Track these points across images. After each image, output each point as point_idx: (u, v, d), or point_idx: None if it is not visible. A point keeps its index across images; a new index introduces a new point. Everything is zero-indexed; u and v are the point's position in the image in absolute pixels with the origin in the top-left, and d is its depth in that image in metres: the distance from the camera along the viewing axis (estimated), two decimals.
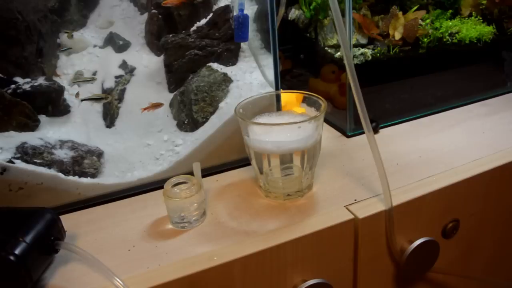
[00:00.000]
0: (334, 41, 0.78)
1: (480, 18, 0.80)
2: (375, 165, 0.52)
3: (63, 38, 0.73)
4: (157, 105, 0.62)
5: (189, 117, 0.66)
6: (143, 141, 0.66)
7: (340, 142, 0.70)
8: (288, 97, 0.64)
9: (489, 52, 0.80)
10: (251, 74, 0.68)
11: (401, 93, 0.77)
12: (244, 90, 0.65)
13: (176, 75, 0.70)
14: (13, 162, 0.54)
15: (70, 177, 0.57)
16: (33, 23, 0.66)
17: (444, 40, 0.76)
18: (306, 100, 0.59)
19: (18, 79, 0.64)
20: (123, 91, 0.70)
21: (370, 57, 0.72)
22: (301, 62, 0.94)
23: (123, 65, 0.73)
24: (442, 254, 0.58)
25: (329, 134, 0.73)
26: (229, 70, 0.68)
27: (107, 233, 0.52)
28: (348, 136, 0.71)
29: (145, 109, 0.65)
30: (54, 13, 0.72)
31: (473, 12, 0.81)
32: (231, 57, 0.70)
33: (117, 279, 0.43)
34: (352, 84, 0.49)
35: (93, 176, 0.60)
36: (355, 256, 0.54)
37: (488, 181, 0.60)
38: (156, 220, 0.54)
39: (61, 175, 0.56)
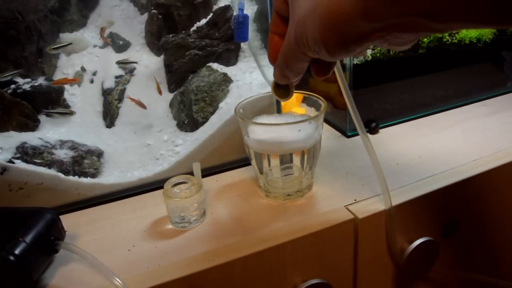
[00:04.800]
0: None
1: None
2: (373, 166, 0.52)
3: (63, 38, 0.73)
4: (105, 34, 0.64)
5: (189, 117, 0.66)
6: (143, 141, 0.66)
7: (340, 142, 0.70)
8: None
9: (489, 52, 0.80)
10: (251, 74, 0.68)
11: (401, 93, 0.77)
12: (244, 90, 0.65)
13: (176, 75, 0.70)
14: (13, 162, 0.54)
15: (70, 177, 0.57)
16: (33, 23, 0.66)
17: (444, 40, 0.76)
18: (306, 100, 0.59)
19: (18, 79, 0.64)
20: (123, 91, 0.71)
21: (370, 57, 0.72)
22: None
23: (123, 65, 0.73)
24: (442, 254, 0.58)
25: (329, 134, 0.73)
26: (229, 70, 0.68)
27: (107, 233, 0.52)
28: (348, 136, 0.71)
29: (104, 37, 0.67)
30: (54, 13, 0.72)
31: None
32: (231, 57, 0.70)
33: (117, 279, 0.43)
34: (342, 87, 0.48)
35: (93, 176, 0.60)
36: (355, 256, 0.54)
37: (488, 181, 0.60)
38: (156, 220, 0.54)
39: (61, 175, 0.56)
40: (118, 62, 0.70)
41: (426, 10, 0.27)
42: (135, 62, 0.70)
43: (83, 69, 0.72)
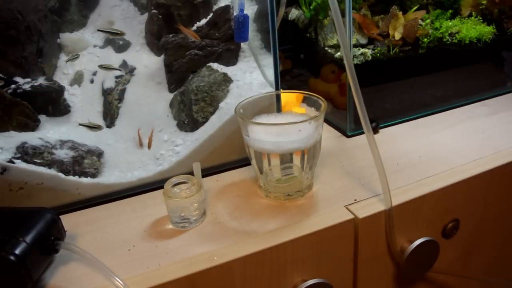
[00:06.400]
0: (334, 41, 0.78)
1: (480, 18, 0.80)
2: (375, 165, 0.52)
3: (63, 38, 0.73)
4: None
5: (189, 117, 0.66)
6: (143, 141, 0.66)
7: (340, 142, 0.70)
8: (288, 97, 0.65)
9: (489, 52, 0.80)
10: (251, 74, 0.68)
11: (401, 93, 0.77)
12: (244, 90, 0.65)
13: (176, 75, 0.70)
14: (13, 162, 0.54)
15: (70, 177, 0.57)
16: (33, 23, 0.66)
17: (444, 40, 0.76)
18: (306, 100, 0.59)
19: (18, 79, 0.64)
20: (123, 91, 0.70)
21: (370, 57, 0.72)
22: (301, 62, 0.94)
23: (123, 65, 0.73)
24: (442, 254, 0.58)
25: (329, 134, 0.73)
26: (229, 70, 0.68)
27: (107, 233, 0.52)
28: (348, 136, 0.71)
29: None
30: (54, 13, 0.72)
31: (473, 12, 0.81)
32: (231, 57, 0.70)
33: (117, 279, 0.43)
34: (352, 85, 0.50)
35: (93, 176, 0.60)
36: (355, 256, 0.54)
37: (488, 181, 0.60)
38: (156, 220, 0.54)
39: (61, 175, 0.56)
40: (101, 66, 0.69)
41: None
42: (119, 70, 0.70)
43: (79, 73, 0.71)
